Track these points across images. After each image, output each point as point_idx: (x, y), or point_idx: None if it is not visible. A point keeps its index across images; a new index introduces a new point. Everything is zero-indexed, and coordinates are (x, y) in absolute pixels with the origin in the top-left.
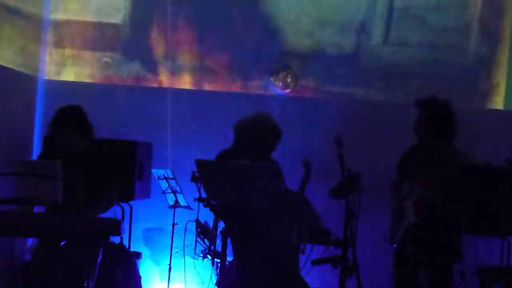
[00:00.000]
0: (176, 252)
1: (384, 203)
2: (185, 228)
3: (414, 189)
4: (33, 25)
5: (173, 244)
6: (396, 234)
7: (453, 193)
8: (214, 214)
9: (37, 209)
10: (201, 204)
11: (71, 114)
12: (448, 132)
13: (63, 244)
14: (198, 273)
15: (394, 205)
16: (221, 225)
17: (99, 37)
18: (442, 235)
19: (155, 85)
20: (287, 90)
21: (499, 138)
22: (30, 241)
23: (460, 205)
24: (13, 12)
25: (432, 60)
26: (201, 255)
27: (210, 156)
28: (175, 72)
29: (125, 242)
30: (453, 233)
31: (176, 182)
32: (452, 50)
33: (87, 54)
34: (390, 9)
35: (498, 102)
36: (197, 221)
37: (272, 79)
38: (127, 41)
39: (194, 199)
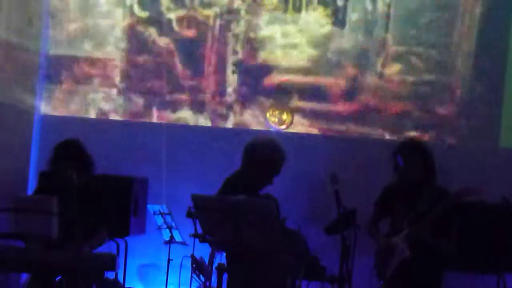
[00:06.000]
0: None
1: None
2: (181, 264)
3: (400, 226)
4: (30, 60)
5: (168, 280)
6: (384, 270)
7: (447, 230)
8: (211, 246)
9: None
10: (196, 240)
11: (73, 149)
12: (431, 171)
13: (58, 280)
14: None
15: (379, 242)
16: (217, 261)
17: (95, 72)
18: (433, 270)
19: (150, 120)
20: (283, 127)
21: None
22: (24, 276)
23: (454, 241)
24: (10, 46)
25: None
26: None
27: (206, 191)
28: (172, 107)
29: (120, 278)
30: (445, 268)
31: (172, 218)
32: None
33: (84, 89)
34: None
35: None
36: (192, 257)
37: (267, 115)
38: (124, 76)
39: (190, 235)
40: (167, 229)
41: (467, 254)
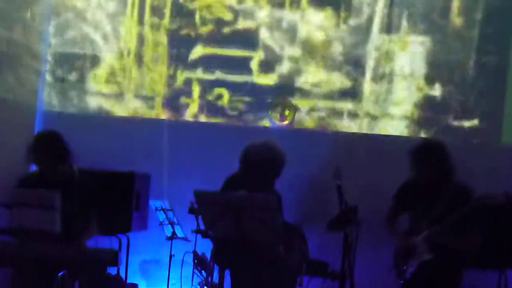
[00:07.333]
0: (173, 283)
1: (382, 236)
2: (183, 259)
3: (419, 224)
4: (32, 57)
5: (170, 276)
6: (404, 270)
7: (464, 230)
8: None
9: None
10: (198, 236)
11: (47, 140)
12: (449, 171)
13: (61, 275)
14: None
15: (399, 241)
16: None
17: (97, 69)
18: (452, 270)
19: (153, 116)
20: (285, 123)
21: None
22: None
23: (469, 241)
24: (13, 44)
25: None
26: (198, 286)
27: (208, 187)
28: (174, 104)
29: (122, 274)
30: (461, 267)
31: (174, 214)
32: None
33: (86, 86)
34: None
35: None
36: (194, 252)
37: (269, 112)
38: (126, 73)
39: (192, 231)
40: (169, 225)
41: (478, 251)
